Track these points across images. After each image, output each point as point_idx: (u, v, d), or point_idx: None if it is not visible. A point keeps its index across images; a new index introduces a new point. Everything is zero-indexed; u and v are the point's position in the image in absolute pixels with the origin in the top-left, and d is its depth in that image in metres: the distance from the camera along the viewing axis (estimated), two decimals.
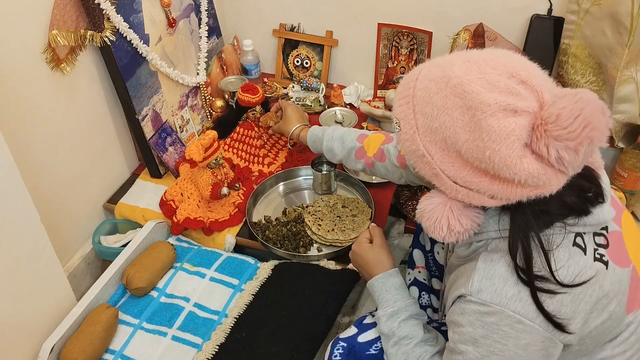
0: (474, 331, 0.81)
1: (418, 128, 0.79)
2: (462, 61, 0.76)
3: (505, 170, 0.71)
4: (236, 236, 1.47)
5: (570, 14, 1.51)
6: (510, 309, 0.78)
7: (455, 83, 0.74)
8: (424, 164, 0.80)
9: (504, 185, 0.74)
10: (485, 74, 0.73)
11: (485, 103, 0.71)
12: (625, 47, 1.33)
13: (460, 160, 0.76)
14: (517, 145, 0.70)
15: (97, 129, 1.50)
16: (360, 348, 1.04)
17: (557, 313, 0.78)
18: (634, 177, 1.50)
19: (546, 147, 0.69)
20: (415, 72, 0.81)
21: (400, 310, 1.02)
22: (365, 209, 1.47)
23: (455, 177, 0.77)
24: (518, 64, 0.74)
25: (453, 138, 0.74)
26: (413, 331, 0.99)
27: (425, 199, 0.84)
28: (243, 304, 1.29)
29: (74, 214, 1.49)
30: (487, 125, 0.70)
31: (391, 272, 1.09)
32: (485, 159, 0.72)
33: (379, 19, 1.76)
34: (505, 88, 0.71)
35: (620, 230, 0.89)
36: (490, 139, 0.70)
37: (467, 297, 0.82)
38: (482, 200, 0.78)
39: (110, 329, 1.23)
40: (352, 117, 1.65)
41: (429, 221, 0.83)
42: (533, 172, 0.70)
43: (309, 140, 1.40)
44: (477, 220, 0.82)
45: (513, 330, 0.79)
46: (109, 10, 1.32)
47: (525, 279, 0.78)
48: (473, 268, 0.83)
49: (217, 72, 1.83)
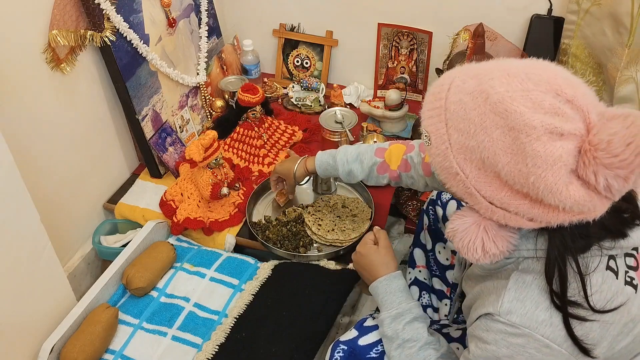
0: (499, 350, 0.79)
1: (451, 144, 0.74)
2: (501, 74, 0.70)
3: (550, 198, 0.67)
4: (236, 236, 1.47)
5: (570, 14, 1.51)
6: (540, 333, 0.76)
7: (495, 100, 0.69)
8: (456, 182, 0.76)
9: (546, 210, 0.70)
10: (529, 91, 0.68)
11: (530, 125, 0.66)
12: (625, 47, 1.33)
13: (498, 182, 0.72)
14: (563, 172, 0.66)
15: (97, 129, 1.50)
16: (361, 351, 1.03)
17: (584, 338, 0.76)
18: None
19: (594, 174, 0.65)
20: (446, 81, 0.76)
21: (404, 312, 1.01)
22: (365, 209, 1.47)
23: (492, 198, 0.73)
24: (562, 80, 0.69)
25: (492, 159, 0.70)
26: (417, 334, 0.98)
27: (457, 218, 0.79)
28: (243, 304, 1.28)
29: (74, 214, 1.49)
30: (532, 150, 0.66)
31: (395, 275, 1.09)
32: (529, 184, 0.68)
33: (379, 19, 1.76)
34: (550, 108, 0.66)
35: None
36: (535, 165, 0.66)
37: (495, 316, 0.79)
38: (520, 222, 0.74)
39: (110, 329, 1.23)
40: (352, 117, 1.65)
41: (461, 242, 0.78)
42: (579, 199, 0.67)
43: (319, 169, 1.30)
44: (513, 241, 0.78)
45: (539, 353, 0.77)
46: (109, 10, 1.32)
47: (559, 304, 0.76)
48: (503, 287, 0.80)
49: (217, 72, 1.83)
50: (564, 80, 0.69)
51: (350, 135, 1.63)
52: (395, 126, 1.74)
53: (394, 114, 1.70)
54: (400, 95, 1.68)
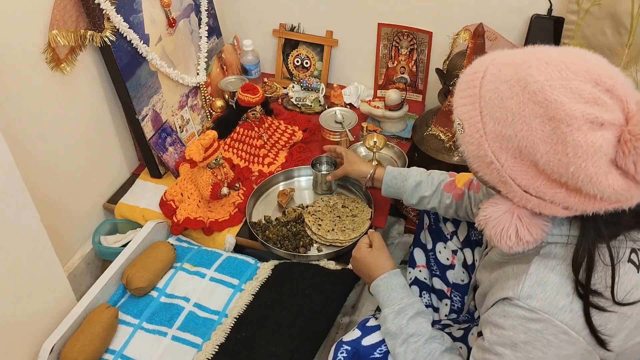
0: (516, 335, 0.79)
1: (486, 133, 0.74)
2: (539, 62, 0.70)
3: (590, 187, 0.68)
4: (236, 236, 1.47)
5: (570, 14, 1.51)
6: (559, 319, 0.76)
7: (534, 89, 0.68)
8: (490, 170, 0.76)
9: (583, 199, 0.70)
10: (569, 80, 0.68)
11: (571, 115, 0.66)
12: (625, 47, 1.33)
13: (534, 170, 0.72)
14: (603, 162, 0.66)
15: (97, 129, 1.50)
16: (365, 351, 1.03)
17: (602, 329, 0.76)
18: None
19: (634, 164, 0.65)
20: (480, 68, 0.76)
21: (407, 307, 1.01)
22: (365, 209, 1.47)
23: (528, 186, 0.73)
24: (601, 69, 0.69)
25: (530, 148, 0.70)
26: (421, 328, 0.98)
27: (490, 205, 0.79)
28: (243, 304, 1.29)
29: (74, 214, 1.49)
30: (573, 140, 0.66)
31: (395, 272, 1.09)
32: (568, 174, 0.68)
33: (379, 19, 1.76)
34: (590, 97, 0.67)
35: None
36: (576, 155, 0.66)
37: (514, 300, 0.79)
38: (555, 210, 0.74)
39: (110, 329, 1.23)
40: (352, 117, 1.65)
41: (494, 229, 0.78)
42: (617, 188, 0.67)
43: (388, 176, 1.29)
44: (546, 229, 0.78)
45: (557, 339, 0.77)
46: (109, 10, 1.32)
47: (582, 292, 0.76)
48: (524, 272, 0.79)
49: (217, 72, 1.83)
50: (603, 70, 0.69)
51: (350, 135, 1.63)
52: (395, 126, 1.74)
53: (394, 114, 1.70)
54: (400, 95, 1.68)
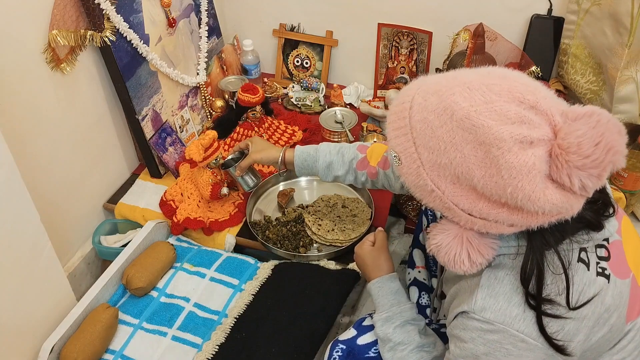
0: (476, 348, 0.80)
1: (423, 163, 0.74)
2: (462, 88, 0.70)
3: (530, 205, 0.68)
4: (236, 236, 1.47)
5: (570, 14, 1.51)
6: (514, 328, 0.77)
7: (461, 116, 0.69)
8: (433, 198, 0.76)
9: (525, 216, 0.71)
10: (493, 103, 0.68)
11: (499, 138, 0.67)
12: (625, 47, 1.33)
13: (474, 194, 0.72)
14: (539, 179, 0.67)
15: (97, 129, 1.50)
16: (360, 350, 1.04)
17: (558, 334, 0.77)
18: (634, 177, 1.50)
19: (569, 177, 0.66)
20: (406, 99, 0.76)
21: (394, 315, 1.02)
22: (365, 209, 1.47)
23: (471, 210, 0.74)
24: (522, 86, 0.70)
25: (467, 174, 0.70)
26: (408, 337, 0.99)
27: (439, 233, 0.79)
28: (243, 304, 1.29)
29: (74, 214, 1.49)
30: (506, 162, 0.67)
31: (389, 277, 1.09)
32: (507, 195, 0.68)
33: (379, 19, 1.76)
34: (516, 117, 0.67)
35: (620, 240, 0.87)
36: (511, 176, 0.67)
37: (470, 313, 0.80)
38: (501, 229, 0.75)
39: (110, 329, 1.23)
40: (352, 117, 1.65)
41: (447, 256, 0.78)
42: (556, 202, 0.68)
43: (298, 159, 1.26)
44: (495, 247, 0.79)
45: (516, 348, 0.77)
46: (109, 10, 1.32)
47: (534, 304, 0.76)
48: (476, 285, 0.80)
49: (217, 72, 1.83)
50: (524, 86, 0.70)
51: (350, 135, 1.63)
52: None
53: None
54: None
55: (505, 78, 0.72)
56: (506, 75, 0.73)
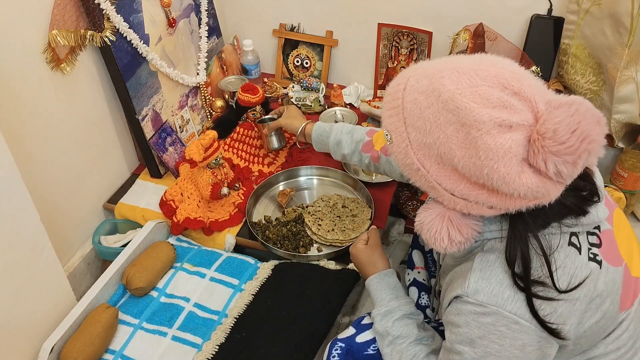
0: (471, 332, 0.81)
1: (411, 142, 0.77)
2: (451, 72, 0.73)
3: (505, 187, 0.71)
4: (236, 236, 1.47)
5: (570, 14, 1.51)
6: (507, 310, 0.78)
7: (446, 98, 0.72)
8: (419, 177, 0.80)
9: (503, 198, 0.74)
10: (477, 86, 0.71)
11: (479, 120, 0.70)
12: (625, 47, 1.33)
13: (456, 175, 0.75)
14: (514, 162, 0.70)
15: (97, 129, 1.50)
16: (358, 348, 1.05)
17: (551, 317, 0.78)
18: (634, 177, 1.50)
19: (544, 162, 0.69)
20: (402, 81, 0.79)
21: (393, 309, 1.03)
22: (365, 209, 1.47)
23: (453, 189, 0.77)
24: (509, 73, 0.72)
25: (449, 154, 0.74)
26: (407, 330, 1.00)
27: (423, 211, 0.83)
28: (243, 304, 1.29)
29: (74, 214, 1.49)
30: (484, 143, 0.70)
31: (386, 272, 1.10)
32: (484, 175, 0.71)
33: (379, 19, 1.76)
34: (498, 102, 0.70)
35: (611, 229, 0.89)
36: (487, 157, 0.70)
37: (464, 297, 0.82)
38: (481, 210, 0.77)
39: (110, 329, 1.23)
40: (352, 117, 1.65)
41: (429, 233, 0.82)
42: (532, 186, 0.70)
43: (315, 134, 1.37)
44: (477, 228, 0.82)
45: (510, 330, 0.79)
46: (109, 10, 1.32)
47: (522, 286, 0.78)
48: (469, 269, 0.83)
49: (217, 72, 1.83)
50: (511, 74, 0.72)
51: None
52: None
53: None
54: None
55: (495, 65, 0.74)
56: (496, 62, 0.75)
